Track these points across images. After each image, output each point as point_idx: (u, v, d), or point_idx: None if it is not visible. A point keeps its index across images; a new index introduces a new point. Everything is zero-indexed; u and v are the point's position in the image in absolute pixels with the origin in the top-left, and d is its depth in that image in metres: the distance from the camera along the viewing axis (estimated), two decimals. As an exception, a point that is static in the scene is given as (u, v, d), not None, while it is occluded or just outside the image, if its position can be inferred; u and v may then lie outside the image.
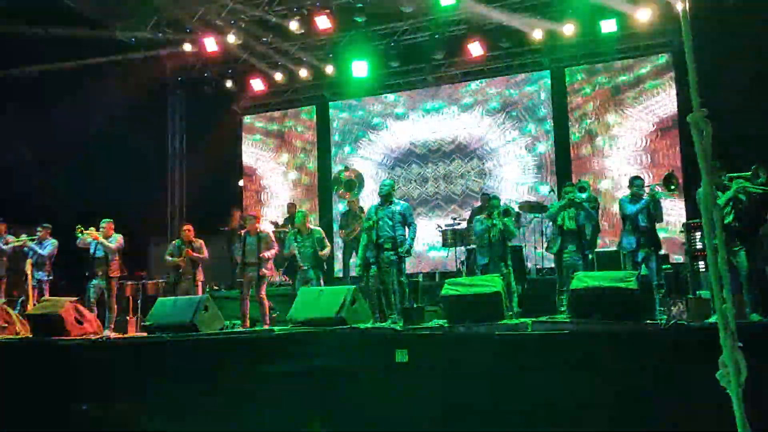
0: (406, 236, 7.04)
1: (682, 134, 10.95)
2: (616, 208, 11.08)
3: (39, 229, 9.09)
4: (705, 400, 4.06)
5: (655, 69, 11.36)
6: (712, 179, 1.84)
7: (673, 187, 6.93)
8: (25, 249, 8.95)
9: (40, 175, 11.28)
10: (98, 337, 6.72)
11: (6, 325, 7.28)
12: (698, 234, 7.38)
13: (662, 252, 7.12)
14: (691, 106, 1.82)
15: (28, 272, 8.72)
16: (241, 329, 7.60)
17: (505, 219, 7.35)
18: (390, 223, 7.00)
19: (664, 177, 6.96)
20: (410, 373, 5.29)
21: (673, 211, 10.58)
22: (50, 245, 9.03)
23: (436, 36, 11.82)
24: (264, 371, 5.66)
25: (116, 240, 8.64)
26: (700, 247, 7.30)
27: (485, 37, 11.53)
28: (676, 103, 11.12)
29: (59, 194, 11.14)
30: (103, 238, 8.53)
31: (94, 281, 8.45)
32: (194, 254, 8.59)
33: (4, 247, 9.02)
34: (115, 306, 8.68)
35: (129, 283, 10.27)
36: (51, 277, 9.07)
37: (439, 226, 10.41)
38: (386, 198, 7.14)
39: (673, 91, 11.18)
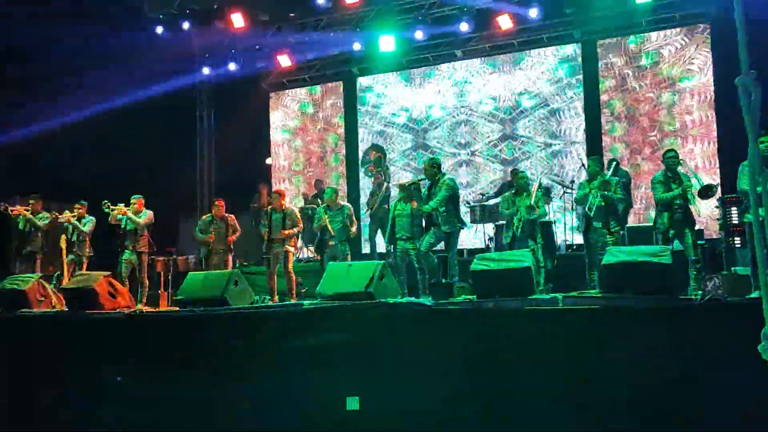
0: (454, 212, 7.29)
1: (719, 107, 10.67)
2: (645, 182, 10.95)
3: (76, 206, 9.25)
4: (743, 375, 4.01)
5: (691, 40, 11.05)
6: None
7: (709, 195, 6.81)
8: (66, 224, 9.11)
9: (71, 152, 11.44)
10: (131, 310, 6.82)
11: (42, 298, 7.43)
12: (734, 209, 7.22)
13: (697, 227, 6.98)
14: (728, 77, 1.75)
15: (63, 247, 8.91)
16: (270, 303, 7.67)
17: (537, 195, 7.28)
18: (437, 200, 7.24)
19: (702, 188, 6.77)
20: (439, 348, 5.28)
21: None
22: (90, 222, 9.20)
23: (465, 9, 11.64)
24: (293, 345, 5.71)
25: (145, 215, 8.78)
26: (736, 222, 7.15)
27: (515, 9, 11.34)
28: (713, 75, 10.83)
29: (90, 171, 11.31)
30: (131, 213, 8.68)
31: (125, 255, 8.63)
32: (230, 237, 8.76)
33: (39, 223, 9.20)
34: (147, 281, 8.85)
35: (160, 258, 10.43)
36: (92, 254, 9.24)
37: (467, 203, 10.35)
38: (432, 176, 7.42)
39: (710, 63, 10.87)
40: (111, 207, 8.76)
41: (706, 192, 6.71)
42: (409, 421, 5.13)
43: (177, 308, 6.96)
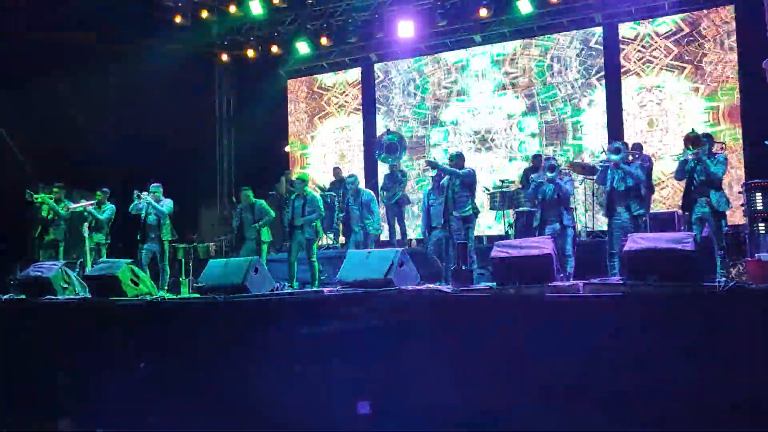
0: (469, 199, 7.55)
1: (743, 91, 10.49)
2: (670, 169, 10.80)
3: (98, 193, 9.36)
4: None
5: (716, 23, 10.84)
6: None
7: (691, 147, 6.54)
8: (85, 213, 9.23)
9: (92, 141, 11.53)
10: (153, 297, 6.89)
11: (66, 286, 7.53)
12: (758, 194, 7.11)
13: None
14: (753, 60, 1.71)
15: (86, 235, 9.03)
16: (290, 290, 7.71)
17: (550, 174, 7.20)
18: (456, 189, 7.50)
19: (684, 138, 6.64)
20: (458, 335, 5.28)
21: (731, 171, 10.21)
22: (108, 210, 9.31)
23: (484, -7, 11.53)
24: (313, 332, 5.73)
25: (167, 204, 8.86)
26: (761, 208, 7.04)
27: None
28: (737, 60, 10.63)
29: (110, 159, 11.40)
30: (152, 200, 8.76)
31: (147, 245, 8.72)
32: (259, 225, 8.83)
33: (63, 211, 9.32)
34: (168, 268, 8.94)
35: (180, 246, 10.53)
36: (109, 241, 9.36)
37: (486, 189, 10.28)
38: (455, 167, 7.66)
39: (735, 45, 10.67)
40: (140, 196, 8.84)
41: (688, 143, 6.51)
42: (428, 410, 5.14)
43: (198, 295, 7.02)
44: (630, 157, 7.21)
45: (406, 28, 11.94)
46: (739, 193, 7.97)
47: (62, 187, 9.55)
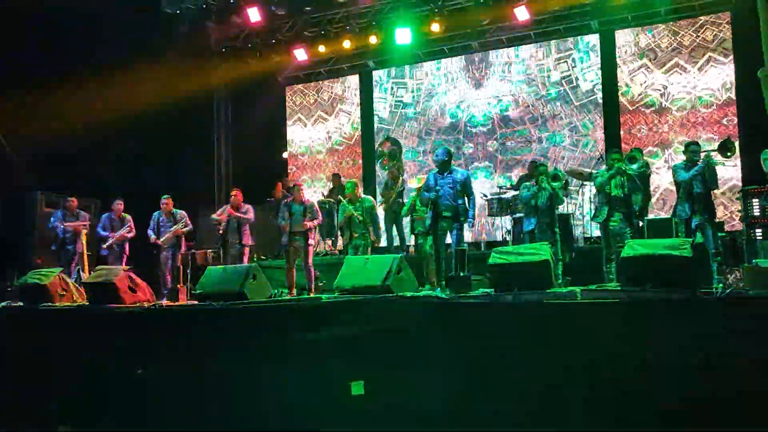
0: (467, 205, 7.08)
1: (740, 98, 10.53)
2: (668, 176, 10.82)
3: (117, 202, 9.37)
4: (765, 368, 3.97)
5: (712, 30, 10.89)
6: None
7: (729, 153, 6.76)
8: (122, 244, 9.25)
9: (89, 148, 11.53)
10: (151, 304, 6.88)
11: (63, 293, 7.52)
12: (755, 200, 7.14)
13: (717, 220, 6.92)
14: (749, 67, 1.72)
15: (83, 242, 9.03)
16: (288, 297, 7.70)
17: (554, 184, 7.25)
18: (451, 192, 7.01)
19: (719, 143, 6.80)
20: (456, 342, 5.27)
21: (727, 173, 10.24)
22: (127, 226, 9.30)
23: (481, 0, 11.56)
24: (311, 338, 5.73)
25: (183, 220, 8.92)
26: (757, 214, 7.07)
27: (532, 0, 11.24)
28: (734, 66, 10.67)
29: (107, 166, 11.40)
30: (181, 227, 8.80)
31: (164, 253, 8.85)
32: (237, 214, 8.72)
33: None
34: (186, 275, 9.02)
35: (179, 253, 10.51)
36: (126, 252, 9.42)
37: (484, 195, 10.31)
38: (444, 166, 7.14)
39: (731, 52, 10.71)
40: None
41: (724, 147, 6.67)
42: (425, 416, 5.14)
43: (196, 302, 7.00)
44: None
45: (403, 35, 11.98)
46: (736, 199, 8.01)
47: (74, 198, 9.60)
